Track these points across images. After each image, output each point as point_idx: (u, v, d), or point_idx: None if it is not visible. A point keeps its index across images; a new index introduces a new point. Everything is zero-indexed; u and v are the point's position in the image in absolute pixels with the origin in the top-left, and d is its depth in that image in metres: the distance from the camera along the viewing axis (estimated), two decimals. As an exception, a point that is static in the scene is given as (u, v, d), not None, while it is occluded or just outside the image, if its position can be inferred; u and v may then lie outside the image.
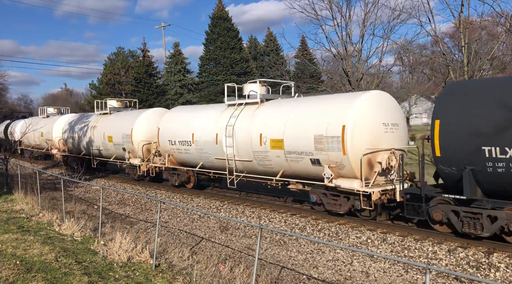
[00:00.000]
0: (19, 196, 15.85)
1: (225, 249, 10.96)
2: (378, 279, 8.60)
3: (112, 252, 9.12)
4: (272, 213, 13.55)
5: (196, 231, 12.80)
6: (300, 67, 48.14)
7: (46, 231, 11.04)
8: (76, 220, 11.91)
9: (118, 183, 21.23)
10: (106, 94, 53.66)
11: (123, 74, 54.74)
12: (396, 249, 9.95)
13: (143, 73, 45.10)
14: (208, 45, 44.84)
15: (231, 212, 14.24)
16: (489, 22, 19.90)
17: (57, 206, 14.88)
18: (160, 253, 9.58)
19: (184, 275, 8.16)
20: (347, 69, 21.40)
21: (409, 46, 23.62)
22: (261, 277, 8.33)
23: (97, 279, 7.49)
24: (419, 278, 8.46)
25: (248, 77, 44.18)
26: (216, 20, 44.24)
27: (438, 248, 9.58)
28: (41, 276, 7.36)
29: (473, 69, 18.43)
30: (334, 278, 8.81)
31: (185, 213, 14.58)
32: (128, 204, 17.19)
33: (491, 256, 8.83)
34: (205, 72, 44.77)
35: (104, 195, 17.05)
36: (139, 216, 15.13)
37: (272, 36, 55.87)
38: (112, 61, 60.30)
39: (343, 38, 21.38)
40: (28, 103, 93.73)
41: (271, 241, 11.27)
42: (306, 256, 10.11)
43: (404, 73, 57.19)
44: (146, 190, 18.91)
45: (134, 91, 45.38)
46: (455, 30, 23.19)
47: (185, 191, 17.79)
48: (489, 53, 18.80)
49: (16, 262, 8.01)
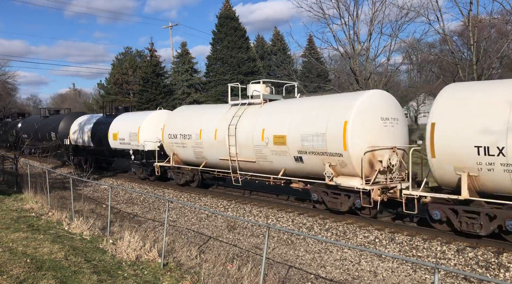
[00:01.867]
0: (28, 195, 16.02)
1: (233, 248, 10.99)
2: (386, 279, 8.57)
3: (121, 251, 9.19)
4: (279, 212, 13.55)
5: (203, 230, 12.84)
6: (307, 67, 48.05)
7: (55, 230, 11.15)
8: (85, 219, 12.00)
9: (126, 182, 21.37)
10: (114, 94, 54.01)
11: (130, 74, 54.99)
12: (404, 249, 9.91)
13: (150, 73, 45.28)
14: (215, 44, 44.89)
15: (238, 211, 14.27)
16: (499, 20, 19.71)
17: (66, 205, 15.01)
18: (168, 252, 9.63)
19: (192, 274, 8.19)
20: (355, 68, 21.32)
21: (417, 44, 23.46)
22: (268, 276, 8.34)
23: (106, 277, 7.55)
24: (427, 278, 8.41)
25: (255, 77, 44.19)
26: (223, 19, 44.27)
27: (447, 247, 9.53)
28: (51, 274, 7.44)
29: (482, 67, 18.26)
30: (342, 278, 8.80)
31: (193, 212, 14.64)
32: (136, 203, 17.30)
33: (501, 256, 8.76)
34: (212, 71, 44.82)
35: (112, 194, 17.18)
36: (147, 215, 15.21)
37: (279, 35, 55.83)
38: (120, 61, 60.63)
39: (351, 37, 21.30)
40: (37, 103, 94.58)
41: (279, 240, 11.28)
42: (314, 255, 10.10)
43: (412, 72, 56.79)
44: (154, 189, 19.01)
45: (141, 91, 45.59)
46: (464, 28, 22.99)
47: (193, 190, 17.86)
48: (498, 52, 18.62)
49: (27, 260, 8.10)
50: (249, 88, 15.82)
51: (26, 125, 35.56)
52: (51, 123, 30.66)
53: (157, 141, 19.54)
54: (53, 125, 29.92)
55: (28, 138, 33.22)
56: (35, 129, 32.80)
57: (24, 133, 32.80)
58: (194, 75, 46.19)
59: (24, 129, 33.60)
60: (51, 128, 30.37)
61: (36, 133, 32.41)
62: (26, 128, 34.03)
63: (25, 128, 34.16)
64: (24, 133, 32.53)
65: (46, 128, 31.25)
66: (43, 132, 31.52)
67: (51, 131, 30.21)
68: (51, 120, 31.51)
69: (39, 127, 32.43)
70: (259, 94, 15.22)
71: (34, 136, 31.89)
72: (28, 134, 31.61)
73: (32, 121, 35.37)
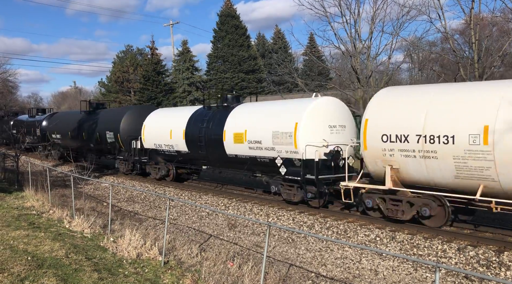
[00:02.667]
0: (29, 193, 16.03)
1: (234, 247, 10.99)
2: (387, 277, 8.57)
3: (122, 249, 9.20)
4: (280, 210, 13.55)
5: (204, 228, 12.85)
6: (309, 65, 48.00)
7: (56, 228, 11.16)
8: (85, 217, 12.01)
9: (127, 180, 21.38)
10: (115, 92, 54.00)
11: (131, 72, 54.96)
12: (405, 247, 9.91)
13: (151, 71, 45.27)
14: (216, 43, 44.89)
15: (239, 210, 14.28)
16: (501, 19, 19.66)
17: (67, 203, 15.02)
18: (169, 250, 9.64)
19: (192, 272, 8.19)
20: (356, 66, 21.28)
21: (418, 43, 23.42)
22: (269, 274, 8.34)
23: (107, 275, 7.55)
24: (428, 277, 8.41)
25: (256, 75, 44.22)
26: (224, 17, 44.25)
27: (448, 246, 9.52)
28: (52, 272, 7.44)
29: (484, 66, 18.22)
30: (343, 276, 8.80)
31: (194, 210, 14.64)
32: (137, 201, 17.31)
33: (502, 255, 8.75)
34: (213, 70, 44.84)
35: (113, 192, 17.19)
36: (148, 213, 15.23)
37: (280, 34, 55.79)
38: (121, 59, 60.59)
39: (352, 35, 21.27)
40: (38, 101, 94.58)
41: (280, 239, 11.28)
42: (315, 253, 10.10)
43: (413, 71, 56.71)
44: (155, 187, 19.02)
45: (142, 89, 45.59)
46: (465, 26, 22.92)
47: (193, 188, 17.86)
48: (500, 50, 18.56)
49: (28, 258, 8.11)
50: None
51: (57, 122, 28.08)
52: (105, 119, 22.90)
53: (322, 145, 12.89)
54: (109, 123, 22.23)
55: (61, 139, 27.22)
56: (75, 127, 25.47)
57: (55, 133, 27.53)
58: (195, 73, 46.19)
59: (54, 128, 27.57)
60: (105, 126, 22.41)
61: (78, 131, 25.00)
62: (58, 126, 27.38)
63: (56, 126, 27.50)
64: (55, 132, 27.25)
65: (96, 126, 23.31)
66: (91, 131, 23.69)
67: (105, 130, 22.28)
68: (103, 116, 23.51)
69: (81, 125, 25.01)
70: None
71: (73, 136, 25.56)
72: (63, 135, 26.38)
73: (70, 117, 27.37)
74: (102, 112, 24.48)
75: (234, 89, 40.21)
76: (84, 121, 24.83)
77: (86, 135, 24.18)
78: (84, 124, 24.72)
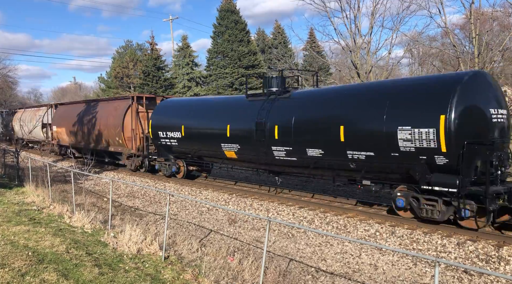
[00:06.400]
0: (30, 188, 16.05)
1: (234, 242, 11.02)
2: (387, 272, 8.60)
3: (122, 244, 9.22)
4: (280, 205, 13.58)
5: (204, 223, 12.88)
6: (309, 60, 47.90)
7: (57, 223, 11.18)
8: (86, 212, 12.03)
9: (127, 175, 21.39)
10: (115, 87, 53.93)
11: (131, 68, 54.88)
12: (405, 242, 9.93)
13: (151, 66, 45.19)
14: (216, 38, 44.72)
15: (239, 205, 14.30)
16: (501, 13, 19.60)
17: (67, 198, 15.05)
18: (169, 245, 9.67)
19: (193, 267, 8.22)
20: (356, 61, 21.24)
21: (418, 38, 23.36)
22: (269, 269, 8.37)
23: (107, 270, 7.58)
24: (427, 271, 8.44)
25: (256, 70, 44.07)
26: (224, 13, 44.06)
27: (447, 241, 9.55)
28: (53, 267, 7.47)
29: (484, 60, 18.19)
30: (343, 271, 8.83)
31: (194, 205, 14.67)
32: (137, 196, 17.33)
33: (501, 250, 8.78)
34: (213, 65, 44.71)
35: (113, 188, 17.21)
36: (148, 208, 15.25)
37: (280, 29, 55.60)
38: (121, 54, 60.48)
39: (352, 30, 21.22)
40: (38, 97, 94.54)
41: (280, 234, 11.31)
42: (314, 248, 10.13)
43: (413, 66, 56.59)
44: (155, 182, 19.03)
45: (142, 84, 45.53)
46: (466, 21, 22.85)
47: (194, 183, 17.88)
48: (500, 45, 18.52)
49: (28, 253, 8.14)
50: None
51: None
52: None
53: None
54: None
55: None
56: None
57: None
58: (194, 68, 46.11)
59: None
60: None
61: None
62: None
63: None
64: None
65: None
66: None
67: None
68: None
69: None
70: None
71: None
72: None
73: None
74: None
75: (234, 84, 40.03)
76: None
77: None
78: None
